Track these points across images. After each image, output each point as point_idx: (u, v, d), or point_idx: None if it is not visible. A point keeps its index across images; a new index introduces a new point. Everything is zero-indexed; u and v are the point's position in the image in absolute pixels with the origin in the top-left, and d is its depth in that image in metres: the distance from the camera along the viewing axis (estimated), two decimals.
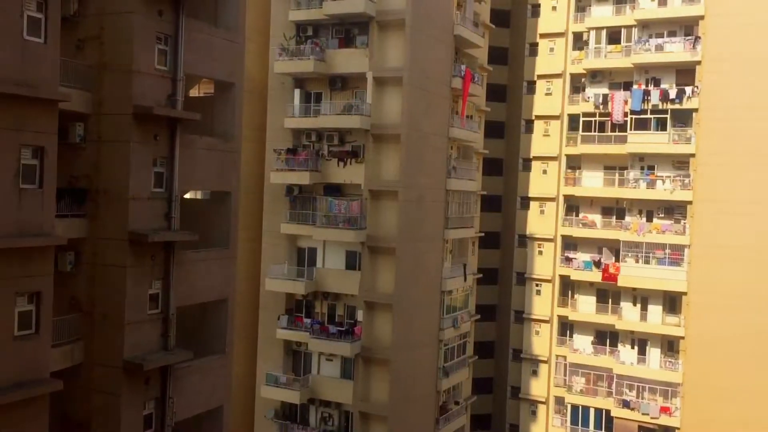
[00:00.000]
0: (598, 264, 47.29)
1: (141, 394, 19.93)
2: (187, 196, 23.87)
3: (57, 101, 17.06)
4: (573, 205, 49.49)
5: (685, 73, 45.06)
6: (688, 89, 44.37)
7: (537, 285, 49.98)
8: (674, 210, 45.59)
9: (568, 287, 49.07)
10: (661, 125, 45.26)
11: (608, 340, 47.39)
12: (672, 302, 45.46)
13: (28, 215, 16.49)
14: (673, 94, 44.60)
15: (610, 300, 47.47)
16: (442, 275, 39.47)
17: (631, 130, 45.88)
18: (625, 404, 45.43)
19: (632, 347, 46.28)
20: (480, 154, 46.40)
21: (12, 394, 15.91)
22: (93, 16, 19.62)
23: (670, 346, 45.46)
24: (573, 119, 49.01)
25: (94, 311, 19.64)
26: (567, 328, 49.20)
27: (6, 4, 15.69)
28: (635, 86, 46.00)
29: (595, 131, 47.71)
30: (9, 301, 16.15)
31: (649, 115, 45.45)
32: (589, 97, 47.85)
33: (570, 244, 49.28)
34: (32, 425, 16.72)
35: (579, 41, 49.10)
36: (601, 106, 47.21)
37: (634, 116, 45.72)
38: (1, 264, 15.83)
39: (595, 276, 47.11)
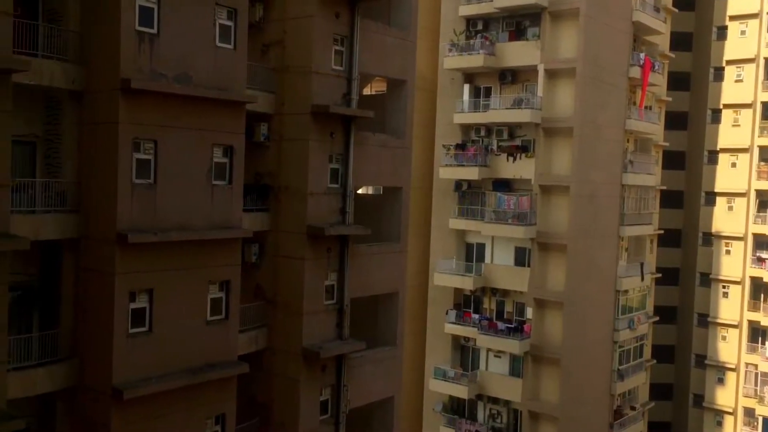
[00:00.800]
0: None
1: (318, 381, 20.87)
2: (359, 191, 24.63)
3: (245, 103, 18.28)
4: (766, 201, 45.27)
5: None
6: None
7: (724, 287, 46.35)
8: None
9: (761, 290, 45.01)
10: None
11: None
12: None
13: (219, 209, 17.82)
14: None
15: None
16: (616, 274, 37.84)
17: None
18: None
19: None
20: (659, 147, 43.82)
21: (206, 374, 17.29)
22: (276, 22, 20.78)
23: None
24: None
25: (276, 300, 20.84)
26: (759, 334, 45.20)
27: (201, 15, 17.03)
28: None
29: None
30: (203, 289, 17.55)
31: None
32: None
33: (763, 243, 45.15)
34: (223, 404, 18.10)
35: None
36: None
37: None
38: (197, 254, 17.24)
39: None
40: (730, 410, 45.77)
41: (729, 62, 46.35)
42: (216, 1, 17.27)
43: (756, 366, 44.75)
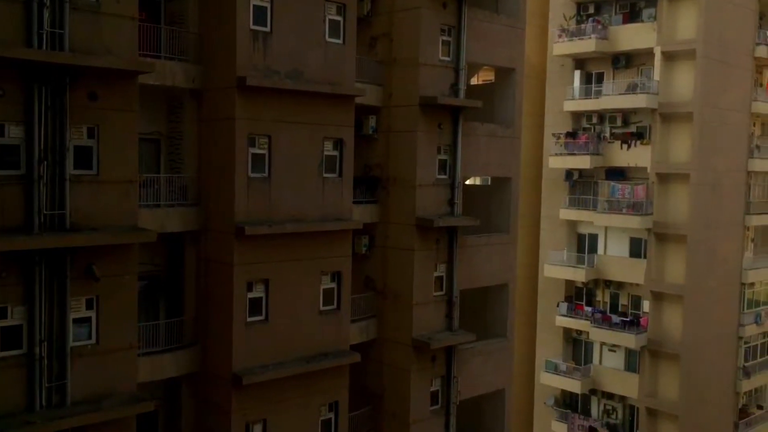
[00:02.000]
0: None
1: (428, 372, 20.94)
2: (468, 182, 24.45)
3: (354, 96, 18.53)
4: None
5: None
6: None
7: None
8: None
9: None
10: None
11: None
12: None
13: (330, 201, 18.19)
14: None
15: None
16: (742, 266, 35.83)
17: None
18: None
19: None
20: None
21: (319, 362, 17.74)
22: (383, 15, 20.91)
23: None
24: None
25: (385, 291, 21.06)
26: None
27: (312, 11, 17.39)
28: None
29: None
30: (315, 279, 17.99)
31: None
32: None
33: None
34: (336, 392, 18.51)
35: None
36: None
37: None
38: (309, 245, 17.68)
39: None
40: None
41: None
42: None
43: None
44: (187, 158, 17.18)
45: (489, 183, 25.23)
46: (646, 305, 33.73)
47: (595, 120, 35.22)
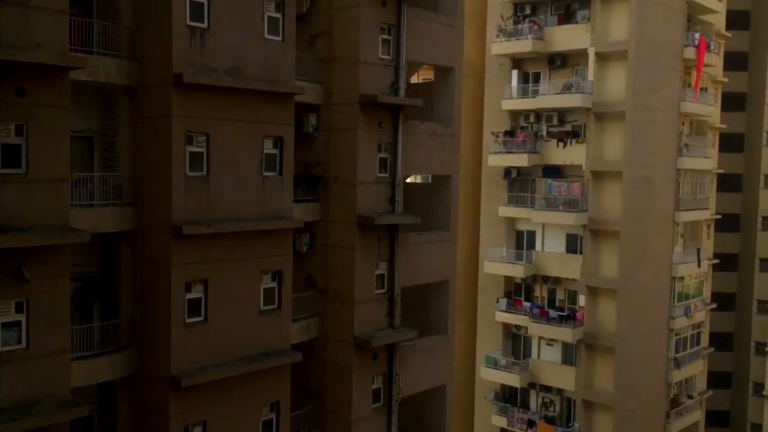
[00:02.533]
0: None
1: (370, 369, 20.98)
2: (408, 180, 24.59)
3: (294, 94, 18.40)
4: None
5: None
6: None
7: None
8: None
9: None
10: None
11: None
12: None
13: (270, 200, 18.02)
14: None
15: None
16: (672, 260, 37.05)
17: None
18: None
19: None
20: (716, 130, 42.62)
21: (260, 362, 17.56)
22: (323, 12, 20.81)
23: None
24: None
25: (327, 289, 20.99)
26: None
27: (250, 8, 17.18)
28: None
29: None
30: (256, 278, 17.81)
31: None
32: None
33: None
34: (277, 392, 18.36)
35: None
36: None
37: None
38: (249, 245, 17.48)
39: None
40: None
41: None
42: None
43: None
44: (122, 156, 16.74)
45: (429, 181, 25.42)
46: (582, 300, 34.58)
47: (532, 119, 35.91)
